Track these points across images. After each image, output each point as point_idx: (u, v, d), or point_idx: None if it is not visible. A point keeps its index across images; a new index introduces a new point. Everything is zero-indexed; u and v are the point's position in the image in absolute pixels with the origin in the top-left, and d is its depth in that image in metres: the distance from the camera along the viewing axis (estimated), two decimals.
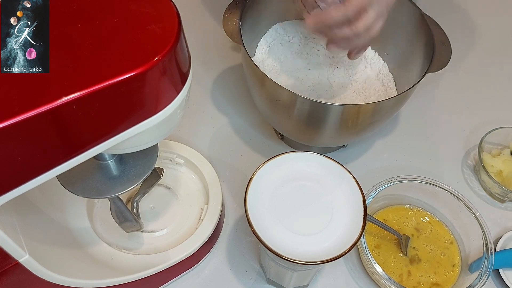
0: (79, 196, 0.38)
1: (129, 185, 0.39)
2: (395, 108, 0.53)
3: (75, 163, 0.29)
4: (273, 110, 0.54)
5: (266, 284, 0.51)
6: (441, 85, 0.73)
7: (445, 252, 0.53)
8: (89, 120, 0.27)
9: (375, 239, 0.53)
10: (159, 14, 0.29)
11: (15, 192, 0.28)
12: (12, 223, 0.34)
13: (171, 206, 0.53)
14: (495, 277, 0.53)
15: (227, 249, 0.53)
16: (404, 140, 0.65)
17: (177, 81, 0.31)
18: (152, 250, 0.49)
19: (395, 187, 0.53)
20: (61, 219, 0.47)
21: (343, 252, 0.37)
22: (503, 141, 0.62)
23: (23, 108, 0.24)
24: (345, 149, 0.64)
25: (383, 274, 0.47)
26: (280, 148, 0.63)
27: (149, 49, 0.27)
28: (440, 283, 0.50)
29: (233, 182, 0.59)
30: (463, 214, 0.52)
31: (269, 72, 0.61)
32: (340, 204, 0.41)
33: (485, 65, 0.77)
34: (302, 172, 0.43)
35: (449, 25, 0.58)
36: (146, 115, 0.30)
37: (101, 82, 0.26)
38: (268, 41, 0.63)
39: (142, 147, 0.33)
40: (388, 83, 0.61)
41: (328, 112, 0.48)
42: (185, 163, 0.55)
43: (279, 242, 0.38)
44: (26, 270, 0.35)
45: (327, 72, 0.63)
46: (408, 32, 0.59)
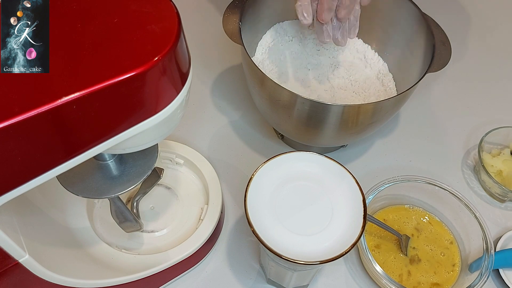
0: (79, 196, 0.37)
1: (129, 185, 0.39)
2: (395, 108, 0.53)
3: (75, 163, 0.29)
4: (273, 110, 0.54)
5: (266, 284, 0.51)
6: (441, 85, 0.73)
7: (445, 252, 0.53)
8: (89, 120, 0.27)
9: (375, 239, 0.53)
10: (159, 14, 0.29)
11: (15, 192, 0.28)
12: (12, 223, 0.34)
13: (171, 206, 0.53)
14: (495, 277, 0.53)
15: (227, 249, 0.53)
16: (404, 140, 0.65)
17: (177, 81, 0.31)
18: (152, 250, 0.49)
19: (395, 187, 0.53)
20: (61, 219, 0.47)
21: (343, 252, 0.37)
22: (503, 141, 0.62)
23: (23, 108, 0.24)
24: (345, 149, 0.64)
25: (383, 274, 0.47)
26: (280, 148, 0.63)
27: (149, 49, 0.27)
28: (440, 283, 0.50)
29: (233, 182, 0.59)
30: (463, 214, 0.52)
31: (269, 72, 0.61)
32: (340, 204, 0.41)
33: (485, 65, 0.77)
34: (302, 172, 0.43)
35: (449, 25, 0.58)
36: (146, 115, 0.30)
37: (101, 82, 0.26)
38: (268, 41, 0.63)
39: (142, 147, 0.33)
40: (388, 83, 0.61)
41: (328, 112, 0.48)
42: (185, 163, 0.55)
43: (279, 242, 0.38)
44: (26, 270, 0.35)
45: (327, 72, 0.63)
46: (408, 32, 0.59)
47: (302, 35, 0.64)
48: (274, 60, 0.62)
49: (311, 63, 0.63)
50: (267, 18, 0.62)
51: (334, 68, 0.63)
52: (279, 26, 0.64)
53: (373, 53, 0.64)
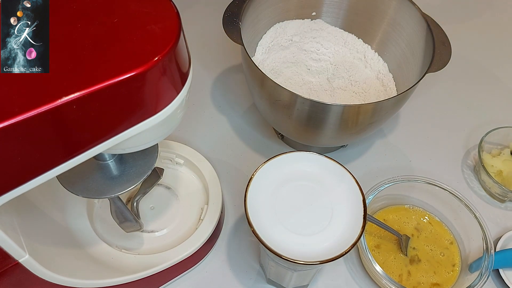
0: (79, 196, 0.38)
1: (129, 185, 0.39)
2: (395, 108, 0.53)
3: (75, 163, 0.29)
4: (273, 110, 0.54)
5: (266, 284, 0.51)
6: (441, 85, 0.73)
7: (445, 252, 0.53)
8: (89, 120, 0.27)
9: (375, 239, 0.53)
10: (159, 14, 0.29)
11: (15, 192, 0.28)
12: (12, 223, 0.34)
13: (171, 206, 0.53)
14: (495, 277, 0.53)
15: (227, 249, 0.53)
16: (404, 140, 0.65)
17: (177, 81, 0.31)
18: (152, 250, 0.49)
19: (395, 187, 0.53)
20: (61, 219, 0.47)
21: (343, 252, 0.37)
22: (503, 141, 0.62)
23: (23, 108, 0.24)
24: (345, 149, 0.64)
25: (383, 274, 0.47)
26: (280, 148, 0.63)
27: (149, 49, 0.27)
28: (440, 283, 0.50)
29: (233, 182, 0.59)
30: (463, 214, 0.52)
31: (269, 72, 0.61)
32: (340, 204, 0.41)
33: (485, 65, 0.77)
34: (302, 172, 0.43)
35: (449, 25, 0.58)
36: (146, 115, 0.30)
37: (101, 82, 0.26)
38: (268, 41, 0.63)
39: (142, 147, 0.34)
40: (388, 83, 0.61)
41: (328, 112, 0.48)
42: (185, 163, 0.55)
43: (279, 242, 0.38)
44: (26, 270, 0.35)
45: (327, 72, 0.63)
46: (408, 32, 0.59)
47: (302, 35, 0.64)
48: (274, 60, 0.62)
49: (311, 63, 0.63)
50: (267, 18, 0.63)
51: (334, 68, 0.63)
52: (279, 26, 0.64)
53: (373, 53, 0.64)
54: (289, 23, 0.64)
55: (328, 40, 0.65)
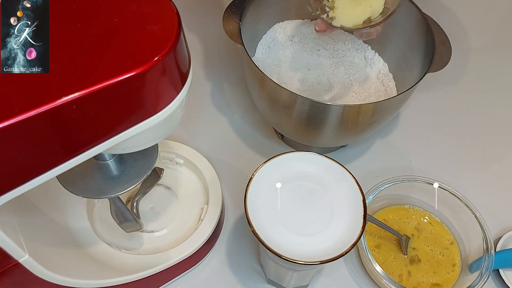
0: (79, 196, 0.37)
1: (129, 185, 0.39)
2: (395, 108, 0.53)
3: (75, 163, 0.29)
4: (273, 110, 0.54)
5: (266, 284, 0.51)
6: (441, 85, 0.73)
7: (445, 252, 0.52)
8: (89, 120, 0.27)
9: (375, 239, 0.53)
10: (159, 14, 0.29)
11: (15, 192, 0.28)
12: (12, 223, 0.34)
13: (171, 206, 0.53)
14: (495, 277, 0.53)
15: (227, 249, 0.53)
16: (404, 140, 0.65)
17: (177, 81, 0.31)
18: (152, 250, 0.49)
19: (395, 187, 0.53)
20: (61, 219, 0.47)
21: (343, 252, 0.37)
22: None
23: (23, 108, 0.24)
24: (345, 149, 0.64)
25: (383, 274, 0.47)
26: (280, 148, 0.63)
27: (149, 49, 0.27)
28: (440, 283, 0.50)
29: (233, 182, 0.59)
30: (463, 214, 0.52)
31: (269, 72, 0.61)
32: (340, 204, 0.41)
33: (486, 65, 0.77)
34: (302, 172, 0.43)
35: (450, 25, 0.58)
36: (146, 115, 0.30)
37: (101, 82, 0.26)
38: (268, 41, 0.63)
39: (142, 147, 0.33)
40: (388, 83, 0.61)
41: (328, 112, 0.48)
42: (185, 163, 0.55)
43: (279, 242, 0.38)
44: (26, 270, 0.35)
45: (327, 72, 0.63)
46: (408, 32, 0.59)
47: (302, 35, 0.64)
48: (274, 60, 0.62)
49: (311, 63, 0.63)
50: (267, 18, 0.63)
51: (334, 68, 0.63)
52: (279, 26, 0.64)
53: (373, 53, 0.64)
54: (289, 23, 0.64)
55: (328, 40, 0.65)
